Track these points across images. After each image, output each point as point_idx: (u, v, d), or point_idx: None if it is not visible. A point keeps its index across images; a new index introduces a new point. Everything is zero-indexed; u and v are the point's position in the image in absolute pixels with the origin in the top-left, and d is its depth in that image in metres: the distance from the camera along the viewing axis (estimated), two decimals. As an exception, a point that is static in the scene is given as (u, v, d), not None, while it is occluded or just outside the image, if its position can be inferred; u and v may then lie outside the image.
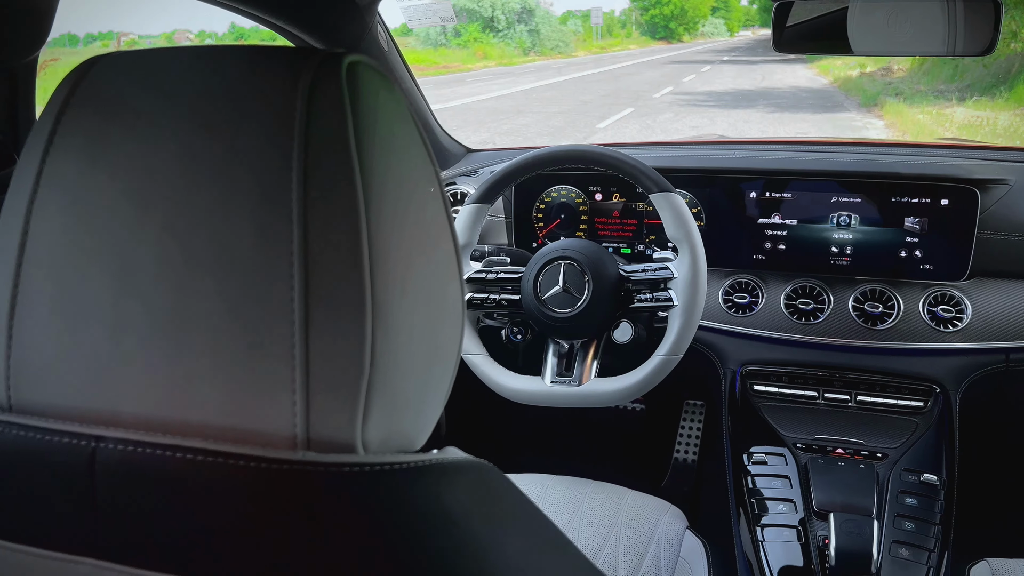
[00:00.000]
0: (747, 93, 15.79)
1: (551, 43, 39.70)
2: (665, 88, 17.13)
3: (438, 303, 0.46)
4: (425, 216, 0.44)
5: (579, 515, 1.29)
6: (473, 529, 0.40)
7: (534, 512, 0.47)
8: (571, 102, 14.50)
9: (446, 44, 37.53)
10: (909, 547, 1.11)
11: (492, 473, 0.46)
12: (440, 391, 0.50)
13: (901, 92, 12.90)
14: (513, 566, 0.41)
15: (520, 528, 0.45)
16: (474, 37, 36.96)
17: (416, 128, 0.45)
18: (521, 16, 39.53)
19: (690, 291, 1.24)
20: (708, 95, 15.45)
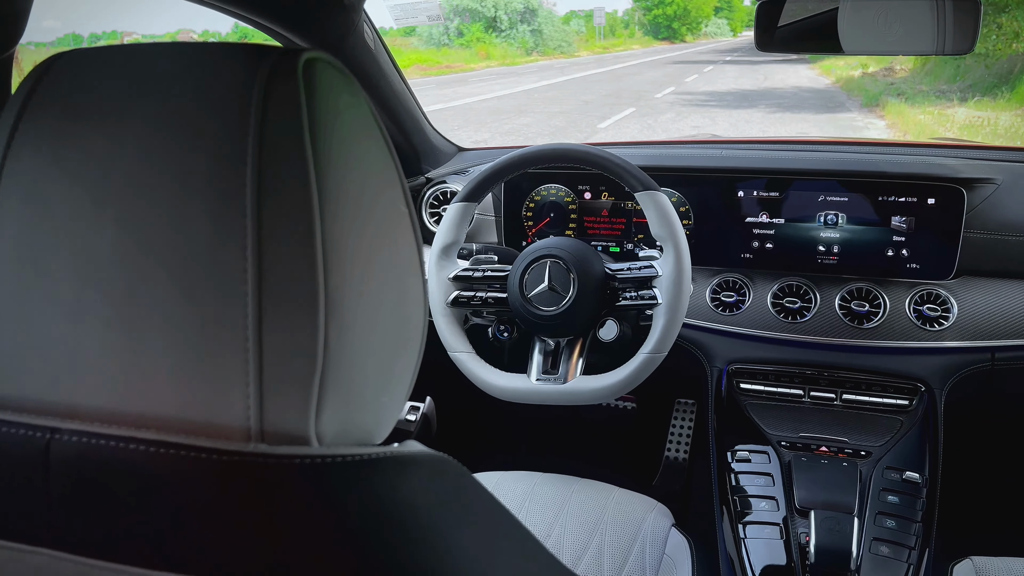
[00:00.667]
0: (749, 93, 15.77)
1: (554, 43, 39.69)
2: (667, 88, 17.11)
3: (398, 301, 0.47)
4: (385, 215, 0.45)
5: (566, 513, 1.29)
6: (428, 521, 0.41)
7: (493, 506, 0.48)
8: (573, 102, 14.49)
9: (449, 44, 37.54)
10: (889, 544, 1.11)
11: (450, 467, 0.47)
12: (401, 386, 0.50)
13: (903, 92, 12.87)
14: (468, 557, 0.42)
15: (478, 521, 0.45)
16: (477, 37, 36.96)
17: (377, 127, 0.45)
18: (524, 16, 39.52)
19: (674, 289, 1.24)
20: (710, 95, 15.43)
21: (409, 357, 0.50)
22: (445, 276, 1.36)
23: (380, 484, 0.41)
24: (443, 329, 1.36)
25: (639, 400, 2.06)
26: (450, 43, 37.80)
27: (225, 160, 0.38)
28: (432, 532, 0.41)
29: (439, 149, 1.78)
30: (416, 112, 1.66)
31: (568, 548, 1.24)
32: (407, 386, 0.51)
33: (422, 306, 0.50)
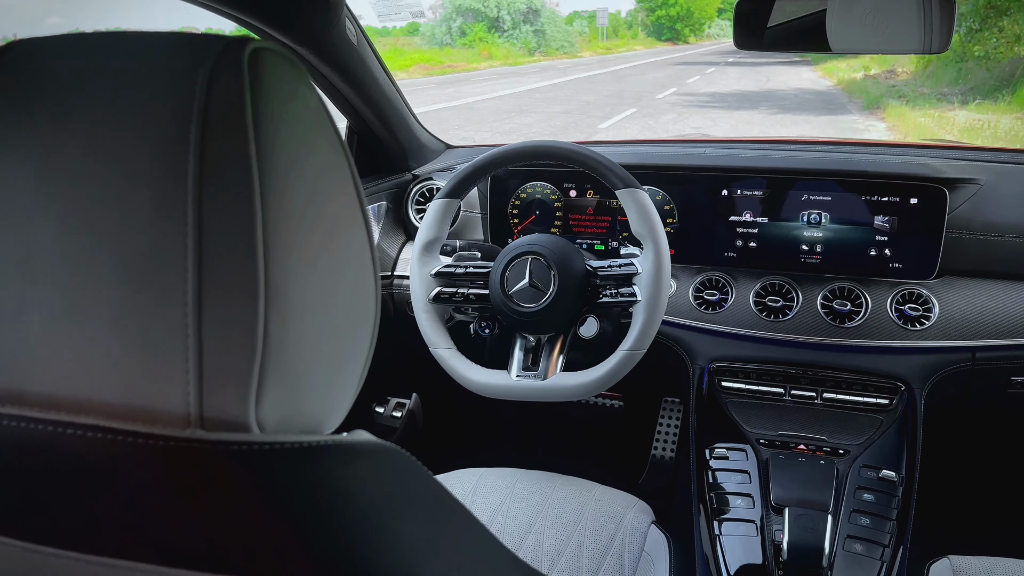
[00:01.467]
0: (750, 95, 15.76)
1: (556, 43, 39.70)
2: (669, 89, 17.11)
3: (349, 293, 0.47)
4: (334, 207, 0.45)
5: (546, 509, 1.30)
6: (368, 509, 0.41)
7: (440, 497, 0.48)
8: (574, 102, 14.50)
9: (451, 44, 37.57)
10: (863, 542, 1.11)
11: (396, 457, 0.47)
12: (351, 378, 0.50)
13: (904, 95, 12.87)
14: (410, 546, 0.42)
15: (422, 511, 0.45)
16: (479, 37, 36.97)
17: (328, 120, 0.45)
18: (527, 16, 39.52)
19: (653, 287, 1.25)
20: (711, 96, 15.43)
21: (360, 350, 0.50)
22: (427, 272, 1.36)
23: (320, 472, 0.41)
24: (424, 325, 1.36)
25: (626, 399, 2.06)
26: (453, 43, 37.81)
27: (168, 149, 0.38)
28: (373, 520, 0.41)
29: (426, 146, 1.79)
30: (403, 109, 1.66)
31: (547, 544, 1.24)
32: (358, 378, 0.51)
33: (374, 300, 0.50)
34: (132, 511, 0.38)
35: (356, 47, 1.38)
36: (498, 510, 1.30)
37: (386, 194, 1.70)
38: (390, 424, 1.84)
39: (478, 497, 1.33)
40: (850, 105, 13.21)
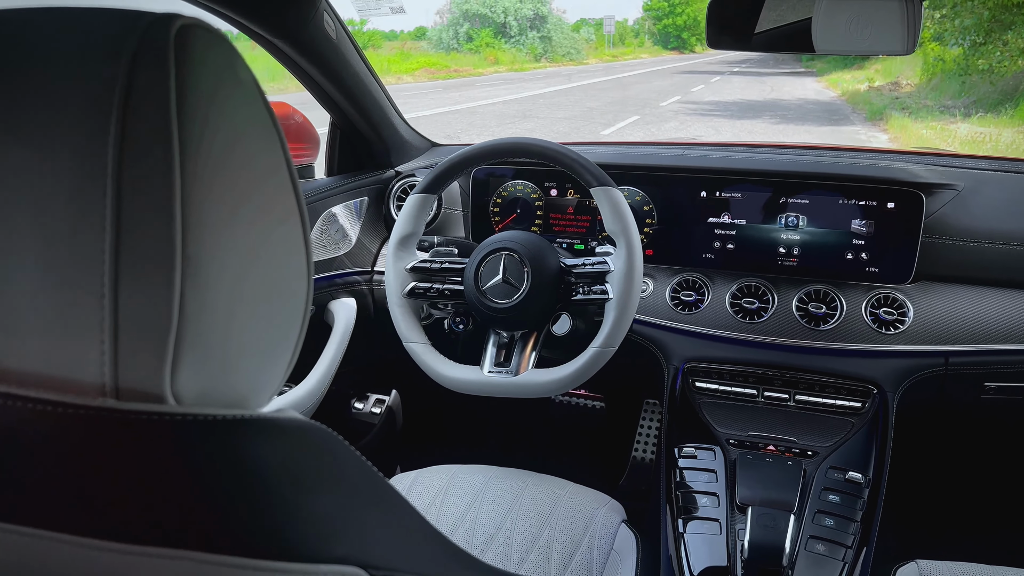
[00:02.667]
0: (754, 104, 15.78)
1: (563, 50, 39.78)
2: (672, 97, 17.14)
3: (277, 275, 0.47)
4: (263, 188, 0.45)
5: (518, 506, 1.30)
6: (281, 484, 0.41)
7: (363, 475, 0.48)
8: (578, 108, 14.52)
9: (458, 49, 37.67)
10: (826, 543, 1.11)
11: (315, 434, 0.47)
12: (280, 358, 0.50)
13: (907, 107, 12.86)
14: (323, 522, 0.42)
15: (339, 488, 0.45)
16: (486, 42, 37.07)
17: (260, 100, 0.46)
18: (533, 22, 39.63)
19: (625, 284, 1.25)
20: (715, 105, 15.44)
21: (289, 331, 0.50)
22: (402, 267, 1.37)
23: (235, 445, 0.41)
24: (398, 319, 1.36)
25: (608, 400, 2.06)
26: (459, 48, 37.91)
27: (89, 121, 0.38)
28: (286, 494, 0.41)
29: (410, 143, 1.80)
30: (386, 106, 1.67)
31: (517, 541, 1.24)
32: (288, 360, 0.52)
33: (305, 283, 0.50)
34: (48, 480, 0.38)
35: (335, 41, 1.38)
36: (470, 506, 1.30)
37: (368, 190, 1.71)
38: (368, 420, 1.85)
39: (451, 493, 1.33)
40: (853, 116, 13.21)
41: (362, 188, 1.69)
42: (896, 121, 11.28)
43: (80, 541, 0.37)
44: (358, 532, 0.44)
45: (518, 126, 11.67)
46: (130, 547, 0.37)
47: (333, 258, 1.62)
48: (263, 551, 0.39)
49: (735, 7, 1.11)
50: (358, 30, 38.97)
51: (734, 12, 1.11)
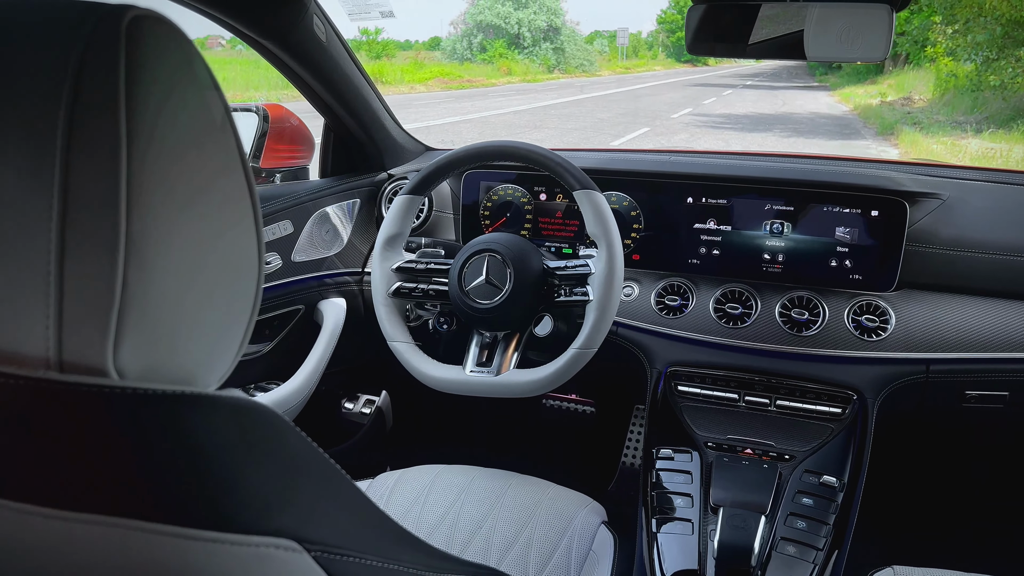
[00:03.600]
0: (765, 117, 15.76)
1: (576, 61, 39.88)
2: (684, 109, 17.16)
3: (227, 257, 0.49)
4: (213, 174, 0.47)
5: (499, 506, 1.31)
6: (221, 460, 0.43)
7: (304, 454, 0.49)
8: (589, 119, 14.55)
9: (471, 59, 37.83)
10: (797, 545, 1.12)
11: (266, 416, 0.48)
12: (231, 339, 0.52)
13: (919, 122, 12.82)
14: (260, 497, 0.43)
15: (278, 465, 0.46)
16: (499, 53, 37.20)
17: (212, 89, 0.47)
18: (547, 34, 39.75)
19: (605, 287, 1.26)
20: (726, 118, 15.44)
21: (239, 313, 0.52)
22: (388, 267, 1.39)
23: (174, 419, 0.43)
24: (383, 318, 1.38)
25: (598, 405, 2.07)
26: (473, 58, 38.07)
27: (40, 103, 0.40)
28: (225, 470, 0.42)
29: (404, 147, 1.82)
30: (379, 109, 1.69)
31: (497, 540, 1.25)
32: (239, 340, 0.53)
33: (256, 264, 0.52)
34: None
35: (325, 44, 1.41)
36: (452, 505, 1.31)
37: (360, 192, 1.73)
38: (358, 420, 1.86)
39: (434, 492, 1.34)
40: (864, 130, 13.18)
41: (354, 190, 1.72)
42: (907, 136, 11.25)
43: (15, 506, 0.38)
44: (296, 508, 0.46)
45: (529, 136, 11.71)
46: (64, 513, 0.39)
47: (324, 258, 1.64)
48: (198, 521, 0.40)
49: (713, 14, 1.12)
50: (373, 39, 39.22)
51: (712, 19, 1.13)
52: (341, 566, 0.45)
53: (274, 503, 0.44)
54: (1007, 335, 1.36)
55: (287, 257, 1.55)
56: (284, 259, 1.54)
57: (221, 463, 0.43)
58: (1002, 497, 1.77)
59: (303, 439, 0.50)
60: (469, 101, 18.68)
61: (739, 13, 1.12)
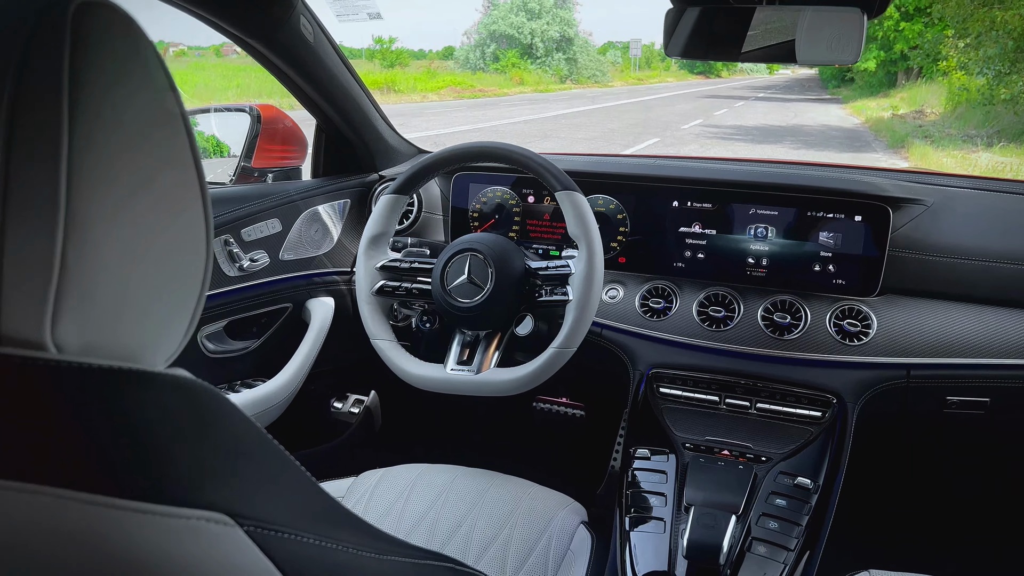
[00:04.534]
0: (776, 129, 15.75)
1: (588, 72, 39.96)
2: (694, 120, 17.16)
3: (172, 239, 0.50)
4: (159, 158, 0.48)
5: (480, 505, 1.31)
6: (155, 434, 0.44)
7: (245, 432, 0.50)
8: (599, 129, 14.58)
9: (484, 68, 37.96)
10: (768, 545, 1.12)
11: (208, 394, 0.49)
12: (177, 319, 0.53)
13: (930, 135, 12.78)
14: (197, 472, 0.44)
15: (216, 442, 0.47)
16: (512, 63, 37.32)
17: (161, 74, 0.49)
18: (559, 44, 39.86)
19: (584, 287, 1.27)
20: (736, 129, 15.43)
21: (186, 294, 0.53)
22: (372, 265, 1.40)
23: (111, 394, 0.44)
24: (367, 316, 1.40)
25: (588, 409, 2.07)
26: (486, 68, 38.21)
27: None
28: (158, 443, 0.43)
29: (396, 149, 1.83)
30: (370, 112, 1.71)
31: (477, 538, 1.25)
32: (186, 321, 0.54)
33: (204, 249, 0.53)
34: None
35: (313, 44, 1.43)
36: (433, 504, 1.32)
37: (351, 192, 1.75)
38: (346, 419, 1.87)
39: (416, 490, 1.35)
40: (875, 143, 13.15)
41: (345, 190, 1.73)
42: (917, 149, 11.22)
43: None
44: (232, 484, 0.46)
45: (538, 145, 11.68)
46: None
47: (312, 257, 1.66)
48: (128, 491, 0.41)
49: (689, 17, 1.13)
50: (386, 48, 39.43)
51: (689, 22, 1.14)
52: (276, 542, 0.45)
53: (208, 478, 0.45)
54: (989, 341, 1.36)
55: (275, 255, 1.57)
56: (272, 257, 1.56)
57: (156, 437, 0.44)
58: (982, 504, 1.77)
59: (245, 419, 0.51)
60: (480, 110, 18.74)
61: (718, 17, 1.13)
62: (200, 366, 1.46)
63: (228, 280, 1.48)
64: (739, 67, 65.70)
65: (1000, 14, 12.34)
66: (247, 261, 1.49)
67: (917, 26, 21.91)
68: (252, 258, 1.50)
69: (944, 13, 14.52)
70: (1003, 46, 12.47)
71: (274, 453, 0.51)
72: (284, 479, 0.52)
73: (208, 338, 1.47)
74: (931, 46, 18.19)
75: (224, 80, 17.89)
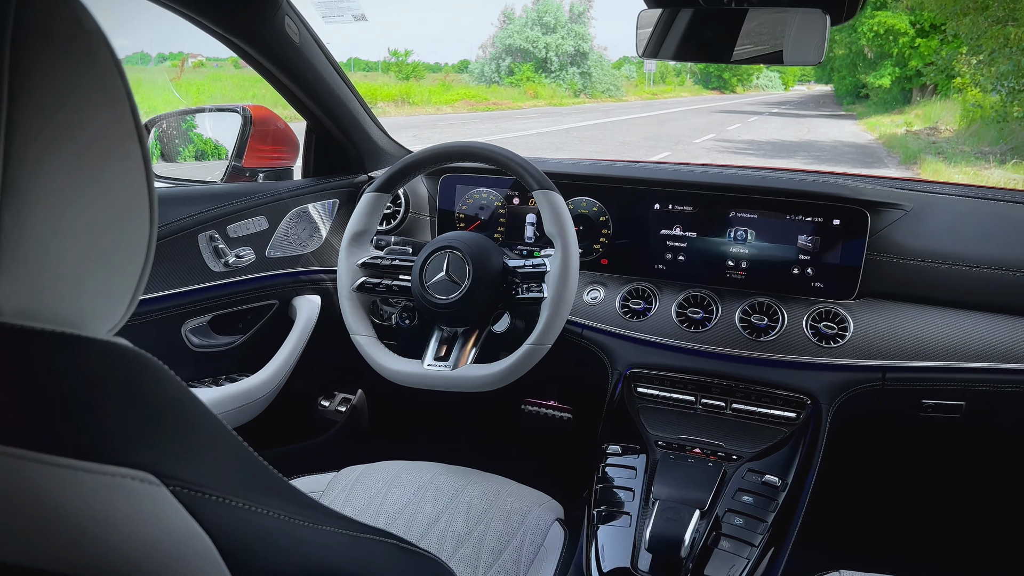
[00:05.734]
0: (788, 144, 15.74)
1: (602, 86, 40.07)
2: (707, 135, 17.18)
3: (112, 206, 0.52)
4: (98, 123, 0.50)
5: (457, 501, 1.33)
6: (84, 396, 0.45)
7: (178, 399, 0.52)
8: (611, 142, 14.61)
9: (499, 82, 38.13)
10: (732, 540, 1.12)
11: (142, 360, 0.51)
12: (121, 287, 0.55)
13: (943, 151, 12.73)
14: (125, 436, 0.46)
15: (146, 408, 0.49)
16: (526, 76, 37.49)
17: (102, 44, 0.50)
18: (574, 59, 40.00)
19: (559, 284, 1.29)
20: (749, 144, 15.43)
21: (129, 262, 0.55)
22: (354, 262, 1.42)
23: (44, 355, 0.46)
24: (347, 312, 1.42)
25: (576, 413, 2.08)
26: (500, 81, 38.39)
27: None
28: (84, 403, 0.45)
29: (385, 151, 1.86)
30: (359, 114, 1.74)
31: (452, 534, 1.27)
32: (130, 290, 0.56)
33: (147, 217, 0.55)
34: None
35: (298, 45, 1.45)
36: (411, 500, 1.33)
37: (339, 193, 1.77)
38: (333, 417, 1.89)
39: (395, 486, 1.36)
40: (888, 159, 13.10)
41: (334, 190, 1.76)
42: (929, 165, 11.18)
43: None
44: (161, 446, 0.48)
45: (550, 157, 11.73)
46: None
47: (299, 255, 1.68)
48: (53, 447, 0.42)
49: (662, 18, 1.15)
50: (402, 61, 39.69)
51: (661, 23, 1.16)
52: (203, 504, 0.47)
53: (137, 439, 0.46)
54: (964, 345, 1.37)
55: (261, 252, 1.59)
56: (258, 254, 1.58)
57: (88, 398, 0.45)
58: (958, 507, 1.76)
59: (183, 388, 0.52)
60: (494, 123, 18.83)
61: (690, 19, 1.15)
62: (184, 359, 1.49)
63: (213, 275, 1.50)
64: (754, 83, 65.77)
65: (1014, 31, 12.31)
66: (232, 257, 1.51)
67: (933, 43, 21.88)
68: (238, 254, 1.52)
69: (958, 30, 14.50)
70: (1016, 63, 12.43)
71: (211, 422, 0.53)
72: (219, 446, 0.53)
73: (192, 332, 1.49)
74: (945, 63, 18.15)
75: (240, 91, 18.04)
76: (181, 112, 1.79)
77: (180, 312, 1.46)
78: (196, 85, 19.55)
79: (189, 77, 22.49)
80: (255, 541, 0.50)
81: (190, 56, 26.05)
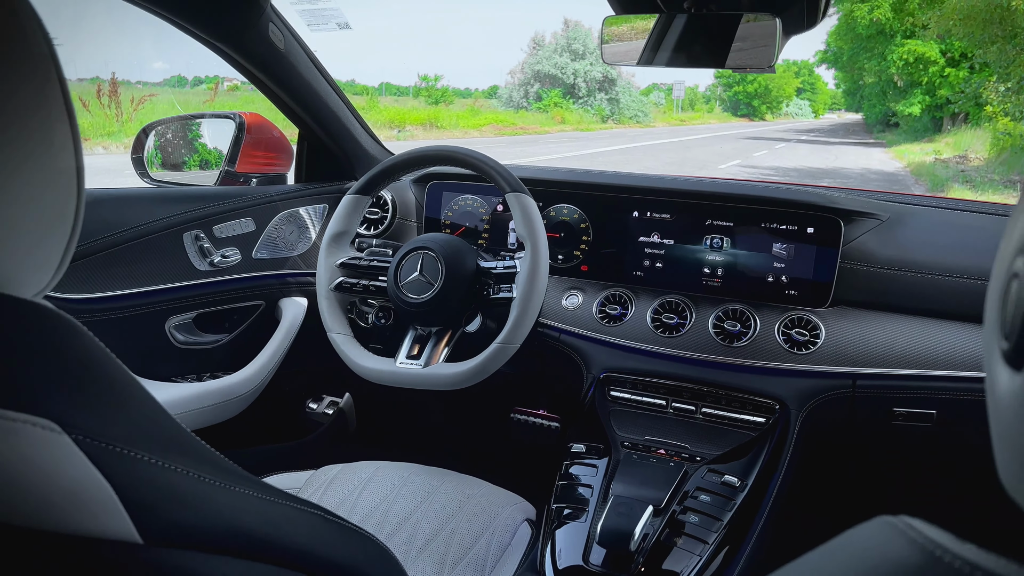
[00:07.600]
0: (814, 171, 15.64)
1: (630, 112, 40.22)
2: (733, 160, 17.15)
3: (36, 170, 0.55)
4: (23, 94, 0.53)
5: (429, 501, 1.34)
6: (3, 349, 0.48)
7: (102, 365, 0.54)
8: (634, 167, 14.63)
9: (527, 107, 38.42)
10: (685, 537, 1.13)
11: (63, 321, 0.53)
12: (48, 250, 0.58)
13: (971, 180, 12.59)
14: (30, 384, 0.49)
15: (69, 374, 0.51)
16: (554, 102, 37.76)
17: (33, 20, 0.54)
18: (602, 85, 40.22)
19: (528, 285, 1.31)
20: (774, 170, 15.37)
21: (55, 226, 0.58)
22: (332, 262, 1.46)
23: None
24: (324, 311, 1.45)
25: (563, 422, 2.09)
26: (528, 106, 38.67)
27: None
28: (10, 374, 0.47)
29: (375, 158, 1.90)
30: (348, 119, 1.78)
31: (421, 533, 1.28)
32: (58, 254, 0.59)
33: (73, 181, 0.58)
34: None
35: (283, 51, 1.50)
36: (384, 499, 1.35)
37: (329, 197, 1.81)
38: (319, 420, 1.92)
39: (370, 486, 1.38)
40: (915, 188, 12.96)
41: (324, 195, 1.80)
42: (956, 193, 11.06)
43: None
44: (70, 399, 0.50)
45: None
46: None
47: (287, 257, 1.72)
48: None
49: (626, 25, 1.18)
50: (432, 86, 40.16)
51: (626, 31, 1.19)
52: (109, 456, 0.48)
53: (44, 389, 0.48)
54: (935, 353, 1.36)
55: (247, 253, 1.64)
56: (244, 255, 1.63)
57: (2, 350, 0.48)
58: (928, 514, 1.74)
59: (100, 348, 0.55)
60: (520, 147, 18.96)
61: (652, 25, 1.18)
62: (169, 355, 1.53)
63: (198, 274, 1.54)
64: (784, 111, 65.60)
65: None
66: (218, 256, 1.56)
67: (962, 72, 21.71)
68: (224, 254, 1.57)
69: (987, 58, 14.38)
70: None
71: (126, 381, 0.55)
72: (130, 404, 0.55)
73: (177, 328, 1.53)
74: (973, 90, 17.99)
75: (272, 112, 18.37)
76: (178, 118, 1.85)
77: (164, 308, 1.50)
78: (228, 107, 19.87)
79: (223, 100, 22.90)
80: (160, 494, 0.51)
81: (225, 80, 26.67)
